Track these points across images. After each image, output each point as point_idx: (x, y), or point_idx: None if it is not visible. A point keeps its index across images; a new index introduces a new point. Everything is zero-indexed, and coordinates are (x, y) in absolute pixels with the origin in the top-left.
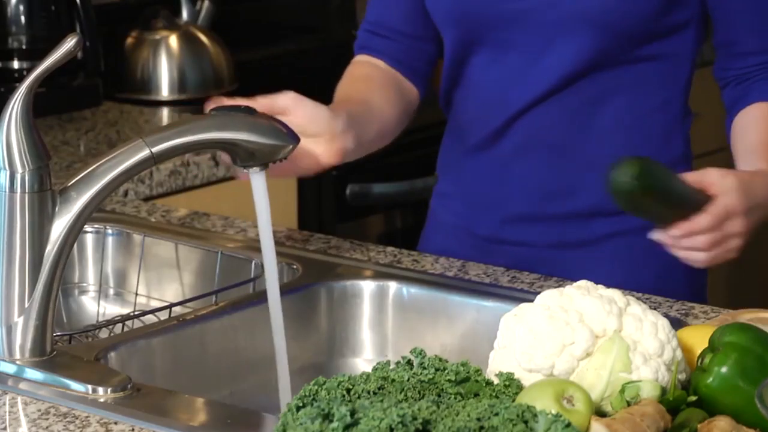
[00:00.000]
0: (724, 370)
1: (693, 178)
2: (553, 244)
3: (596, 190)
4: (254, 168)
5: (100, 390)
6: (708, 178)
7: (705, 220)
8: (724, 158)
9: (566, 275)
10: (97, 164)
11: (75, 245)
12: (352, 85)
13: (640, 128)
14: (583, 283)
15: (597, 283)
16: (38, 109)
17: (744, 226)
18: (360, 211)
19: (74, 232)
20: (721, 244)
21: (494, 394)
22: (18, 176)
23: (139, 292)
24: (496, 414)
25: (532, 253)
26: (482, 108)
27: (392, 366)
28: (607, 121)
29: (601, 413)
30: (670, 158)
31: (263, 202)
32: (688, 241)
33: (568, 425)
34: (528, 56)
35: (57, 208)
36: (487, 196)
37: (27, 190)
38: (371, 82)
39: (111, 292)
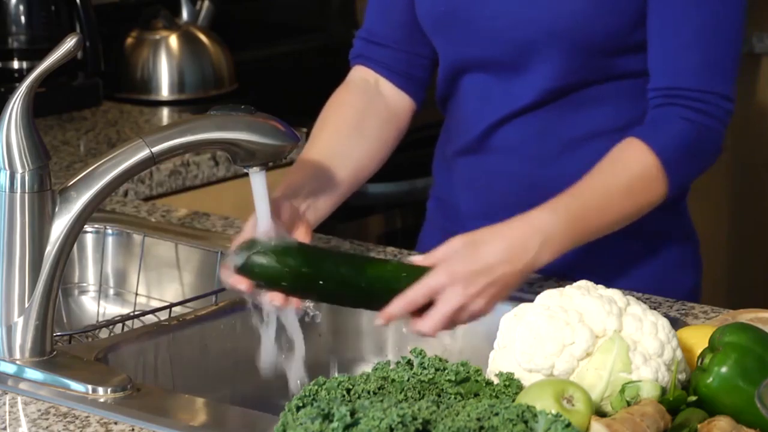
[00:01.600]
0: (724, 370)
1: (420, 260)
2: None
3: None
4: (254, 168)
5: (100, 390)
6: (434, 254)
7: (402, 302)
8: (724, 158)
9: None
10: (97, 164)
11: (75, 245)
12: (320, 139)
13: (619, 139)
14: (583, 283)
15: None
16: (38, 109)
17: (472, 288)
18: (360, 211)
19: (74, 232)
20: (450, 316)
21: (494, 394)
22: (18, 176)
23: (139, 292)
24: (496, 414)
25: None
26: (464, 118)
27: (392, 366)
28: (585, 132)
29: (601, 413)
30: None
31: (263, 202)
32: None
33: (568, 425)
34: (503, 74)
35: (57, 208)
36: (474, 204)
37: (27, 190)
38: (344, 126)
39: (111, 292)
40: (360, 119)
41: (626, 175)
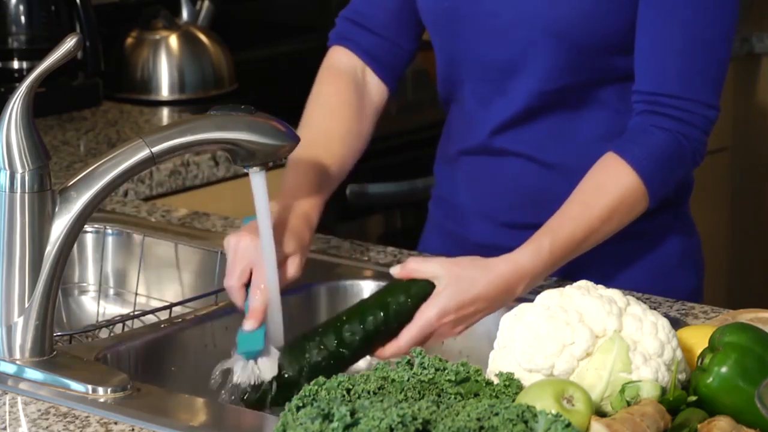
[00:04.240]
0: (724, 370)
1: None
2: None
3: None
4: (254, 168)
5: (100, 390)
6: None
7: (404, 341)
8: (724, 158)
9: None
10: (97, 164)
11: (75, 245)
12: (308, 143)
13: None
14: (583, 283)
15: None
16: (38, 109)
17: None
18: (360, 211)
19: (74, 232)
20: (438, 334)
21: (494, 394)
22: (18, 176)
23: (139, 292)
24: (496, 414)
25: None
26: (467, 118)
27: (392, 366)
28: (589, 133)
29: (601, 413)
30: None
31: (263, 202)
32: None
33: (568, 425)
34: (503, 73)
35: (57, 208)
36: (476, 204)
37: (27, 190)
38: (344, 127)
39: (111, 292)
40: (355, 120)
41: (607, 199)
